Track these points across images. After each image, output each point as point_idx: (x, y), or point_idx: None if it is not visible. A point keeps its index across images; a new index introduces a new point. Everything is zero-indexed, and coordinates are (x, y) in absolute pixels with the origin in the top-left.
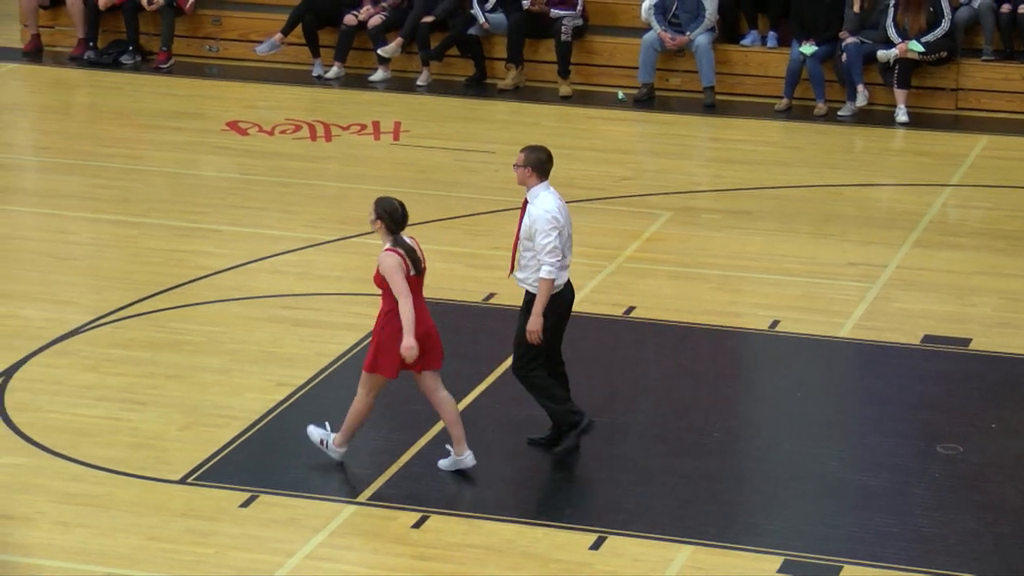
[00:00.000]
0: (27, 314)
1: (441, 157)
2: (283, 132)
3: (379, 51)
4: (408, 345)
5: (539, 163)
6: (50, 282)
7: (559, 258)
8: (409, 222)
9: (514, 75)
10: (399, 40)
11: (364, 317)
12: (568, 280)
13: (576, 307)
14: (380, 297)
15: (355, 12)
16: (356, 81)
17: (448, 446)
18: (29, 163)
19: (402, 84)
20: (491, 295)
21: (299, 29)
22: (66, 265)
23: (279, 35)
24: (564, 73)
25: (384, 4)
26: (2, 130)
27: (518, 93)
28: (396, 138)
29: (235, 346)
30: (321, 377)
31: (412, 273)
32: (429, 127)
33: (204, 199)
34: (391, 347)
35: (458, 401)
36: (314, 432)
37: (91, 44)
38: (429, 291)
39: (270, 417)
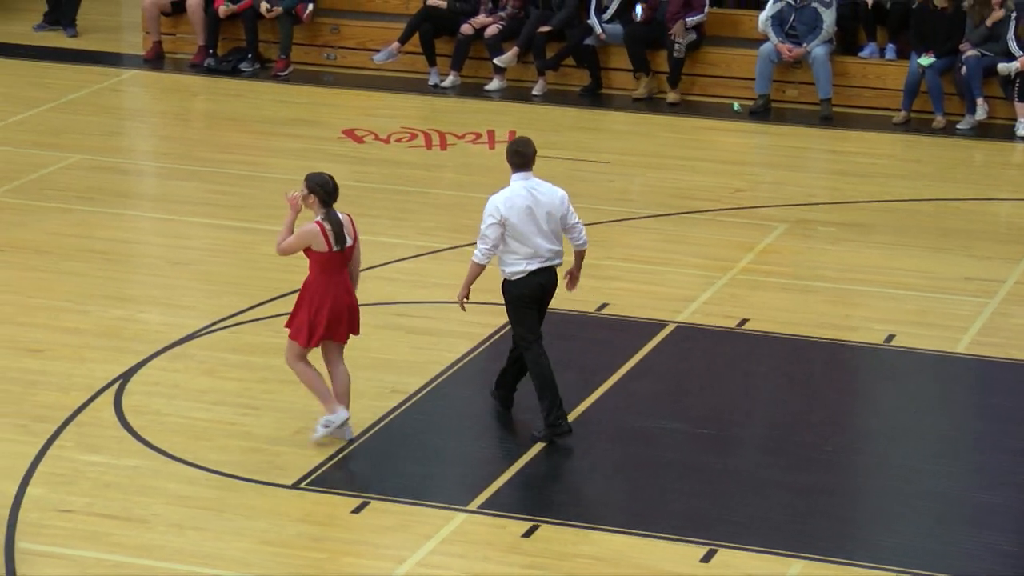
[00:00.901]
0: (145, 318)
1: (556, 167)
2: (399, 140)
3: (495, 60)
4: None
5: (510, 154)
6: (167, 287)
7: (487, 245)
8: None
9: (645, 83)
10: (515, 50)
11: (477, 326)
12: (537, 269)
13: (688, 318)
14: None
15: (472, 21)
16: (472, 90)
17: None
18: (149, 169)
19: (517, 93)
20: (604, 305)
21: (416, 38)
22: (183, 270)
23: (396, 44)
24: (674, 82)
25: (501, 14)
26: (123, 136)
27: (633, 104)
28: None
29: (349, 352)
30: (433, 384)
31: (335, 248)
32: (544, 137)
33: None
34: (315, 315)
35: (569, 412)
36: (318, 432)
37: (211, 51)
38: None
39: (383, 423)
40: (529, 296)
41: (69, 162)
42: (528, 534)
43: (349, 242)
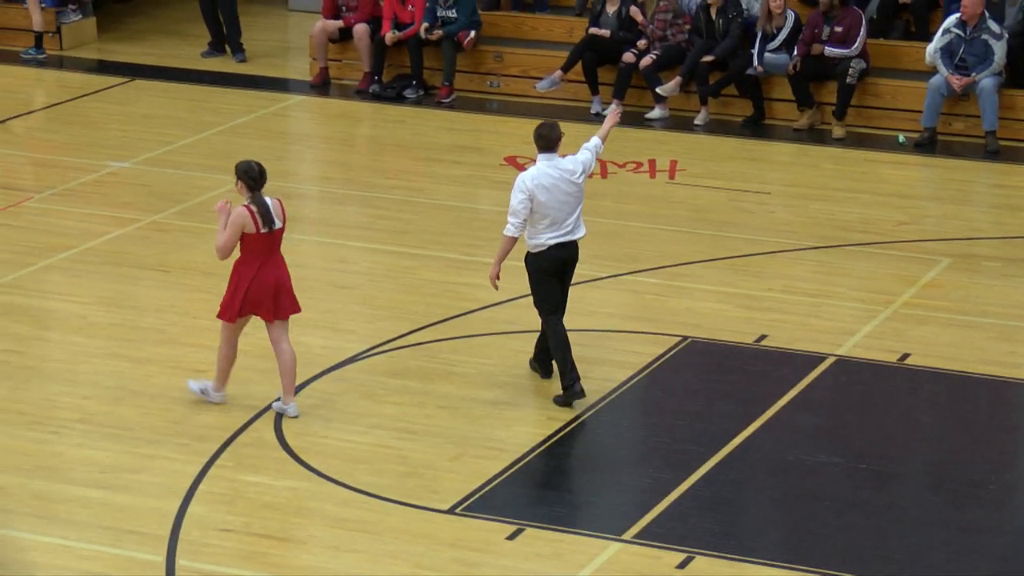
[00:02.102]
0: (306, 340)
1: (716, 197)
2: None
3: (657, 89)
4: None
5: (536, 137)
6: (329, 310)
7: (519, 219)
8: (682, 260)
9: (808, 114)
10: (678, 79)
11: (635, 355)
12: (557, 244)
13: (849, 351)
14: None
15: (634, 51)
16: (633, 119)
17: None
18: (312, 193)
19: (679, 123)
20: (763, 337)
21: (579, 66)
22: (344, 294)
23: (559, 72)
24: (840, 115)
25: (666, 33)
26: (288, 160)
27: (796, 135)
28: (672, 176)
29: (507, 379)
30: (591, 412)
31: (262, 230)
32: (705, 166)
33: (481, 233)
34: (239, 294)
35: (727, 441)
36: (193, 384)
37: (376, 78)
38: (699, 331)
39: (539, 450)
40: (548, 268)
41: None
42: (683, 565)
43: (278, 224)
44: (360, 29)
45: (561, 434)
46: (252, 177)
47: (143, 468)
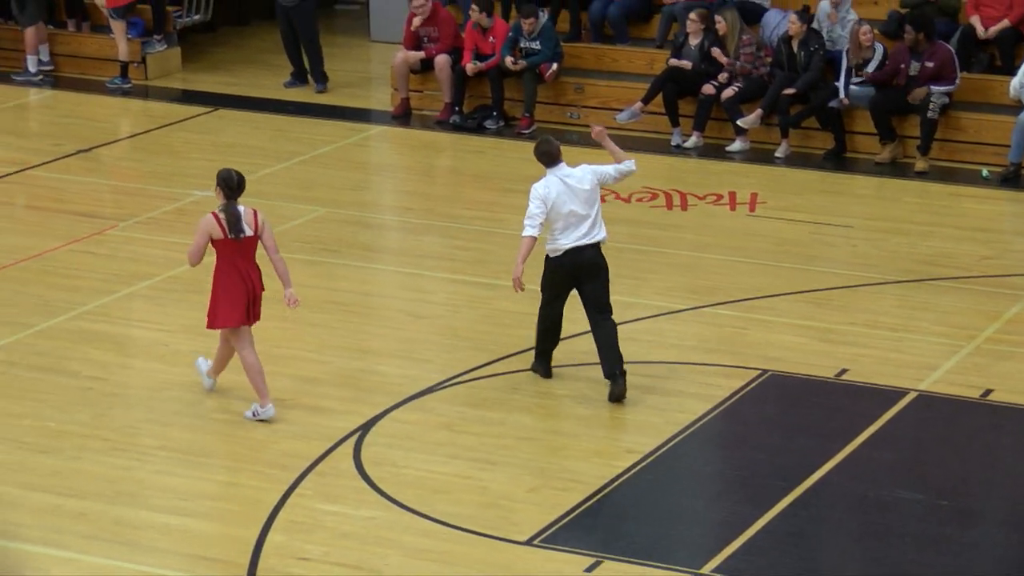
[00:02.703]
0: (385, 370)
1: (797, 230)
2: (640, 200)
3: (738, 122)
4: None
5: (538, 156)
6: (408, 339)
7: (535, 222)
8: (762, 293)
9: (890, 148)
10: (759, 111)
11: (714, 388)
12: (572, 248)
13: (930, 386)
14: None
15: (715, 83)
16: (714, 151)
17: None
18: (392, 223)
19: (760, 155)
20: (843, 371)
21: (659, 98)
22: (423, 323)
23: (639, 104)
24: (924, 149)
25: (734, 70)
26: (369, 190)
27: (878, 168)
28: (752, 209)
29: (585, 411)
30: (669, 445)
31: (229, 236)
32: (786, 199)
33: None
34: (221, 300)
35: (806, 476)
36: (202, 363)
37: (457, 108)
38: (779, 364)
39: (617, 483)
40: (562, 272)
41: (317, 215)
42: None
43: (248, 233)
44: (441, 60)
45: (639, 466)
46: (230, 186)
47: (223, 495)
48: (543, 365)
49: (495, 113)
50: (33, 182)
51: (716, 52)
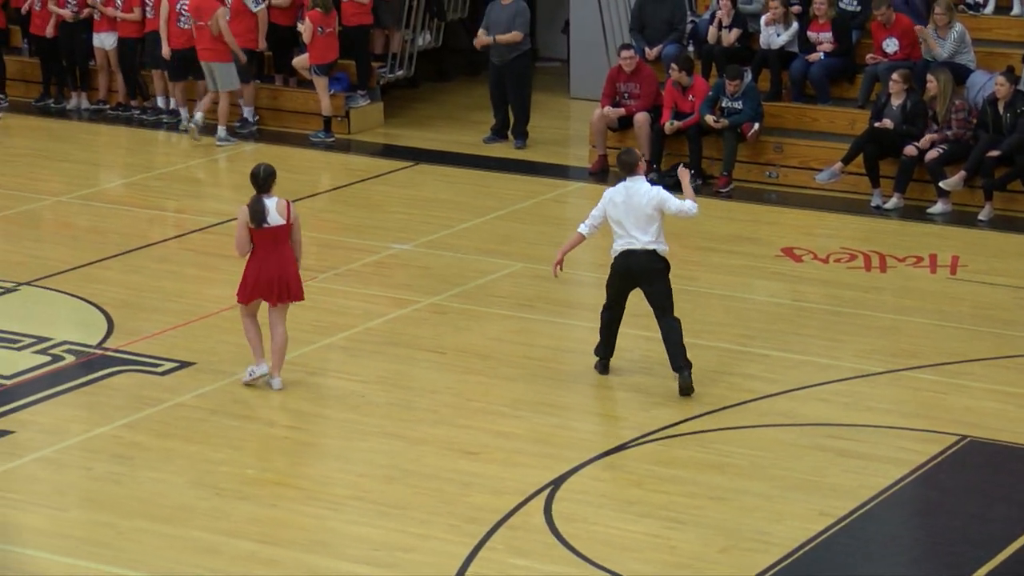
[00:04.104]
0: (578, 426)
1: (1000, 294)
2: (838, 261)
3: (941, 183)
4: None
5: (620, 163)
6: (601, 396)
7: (590, 223)
8: (962, 357)
9: None
10: (962, 173)
11: (911, 452)
12: (624, 251)
13: None
14: None
15: (916, 144)
16: (915, 213)
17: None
18: (588, 279)
19: (962, 218)
20: None
21: (860, 159)
22: (617, 380)
23: (839, 164)
24: None
25: (947, 134)
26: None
27: None
28: (953, 272)
29: (778, 472)
30: (863, 509)
31: (252, 226)
32: (988, 263)
33: (755, 323)
34: (246, 280)
35: (1005, 545)
36: (246, 375)
37: (655, 166)
38: (978, 430)
39: (810, 546)
40: (616, 273)
41: (512, 270)
42: None
43: (270, 224)
44: (641, 117)
45: (833, 530)
46: (256, 181)
47: (414, 547)
48: (600, 365)
49: (693, 171)
50: None
51: (885, 123)
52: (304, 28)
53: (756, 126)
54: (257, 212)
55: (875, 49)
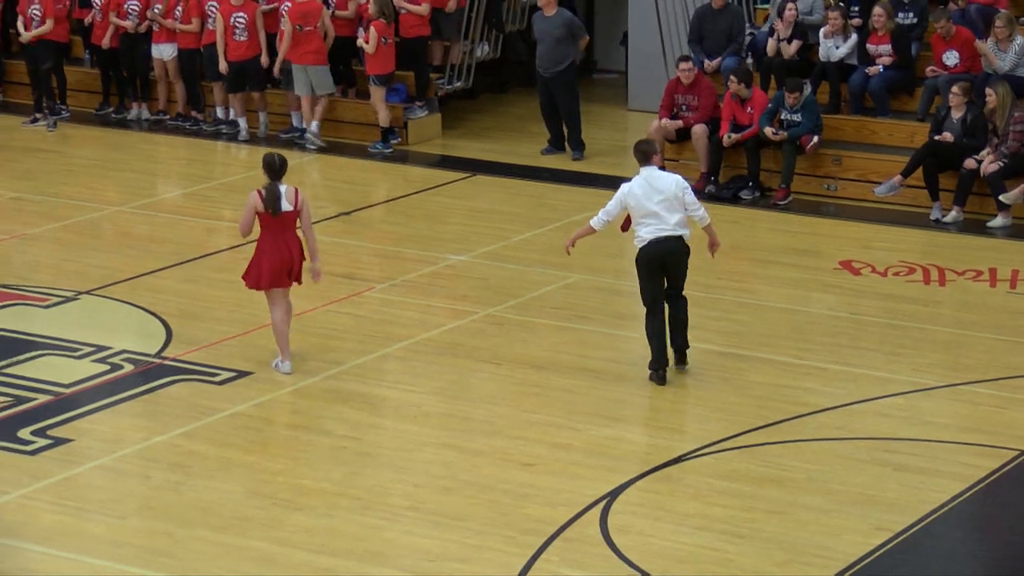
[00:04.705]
0: (634, 438)
1: None
2: (896, 274)
3: (1000, 197)
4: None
5: (636, 152)
6: (657, 408)
7: (604, 217)
8: (1021, 372)
9: None
10: (1022, 187)
11: (971, 467)
12: (655, 239)
13: None
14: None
15: (976, 157)
16: (974, 226)
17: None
18: None
19: (1022, 232)
20: None
21: (919, 172)
22: (674, 392)
23: (899, 177)
24: None
25: (1003, 150)
26: (622, 258)
27: None
28: (1013, 286)
29: (836, 486)
30: (921, 524)
31: (266, 211)
32: None
33: (813, 336)
34: (256, 265)
35: None
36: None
37: (712, 178)
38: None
39: (868, 560)
40: (649, 260)
41: (569, 281)
42: None
43: (287, 208)
44: (699, 129)
45: (890, 545)
46: (272, 169)
47: (470, 558)
48: (658, 377)
49: (751, 184)
50: None
51: (945, 136)
52: (368, 38)
53: (815, 138)
54: (274, 199)
55: (935, 62)
